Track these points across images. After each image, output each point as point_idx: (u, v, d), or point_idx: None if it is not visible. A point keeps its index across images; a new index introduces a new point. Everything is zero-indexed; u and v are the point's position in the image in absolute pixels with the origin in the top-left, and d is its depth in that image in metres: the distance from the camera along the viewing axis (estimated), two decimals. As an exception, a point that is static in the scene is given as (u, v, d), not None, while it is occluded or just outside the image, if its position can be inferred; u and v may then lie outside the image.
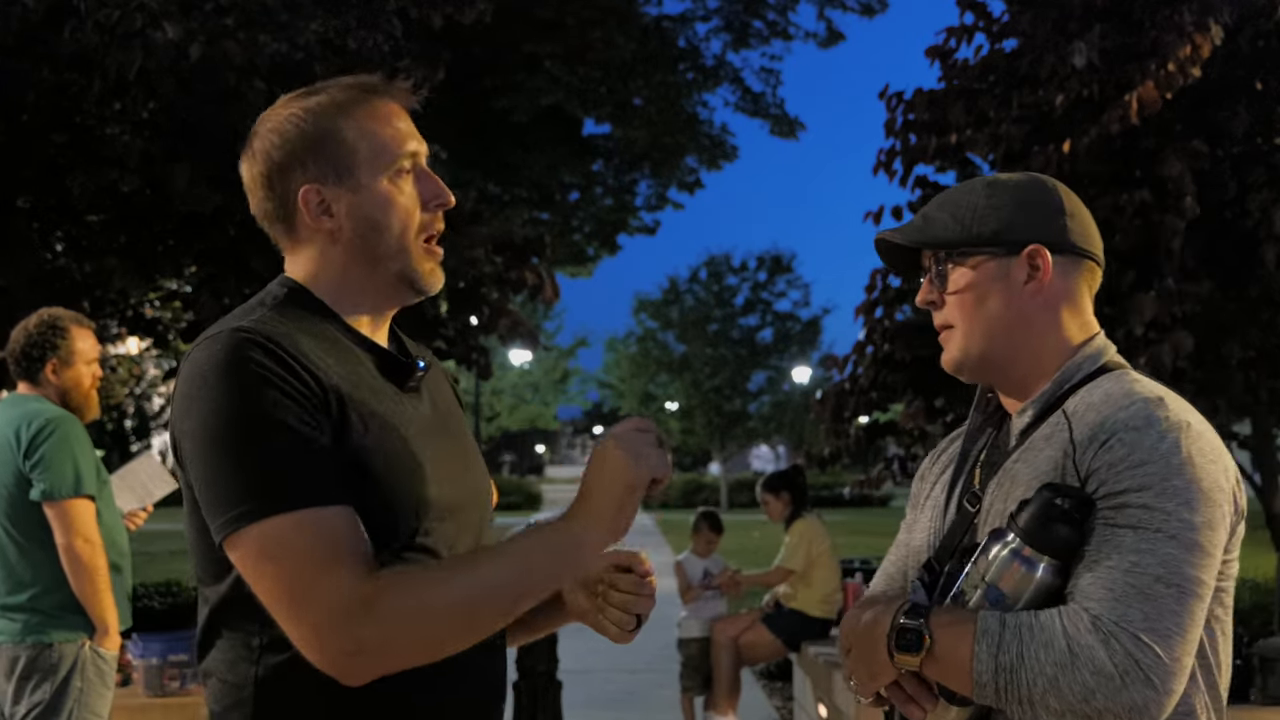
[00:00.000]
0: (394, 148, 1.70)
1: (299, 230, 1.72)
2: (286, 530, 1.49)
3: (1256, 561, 7.11)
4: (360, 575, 1.48)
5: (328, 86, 1.73)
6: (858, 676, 1.72)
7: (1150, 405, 1.61)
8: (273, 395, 1.53)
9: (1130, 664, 1.47)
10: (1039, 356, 1.75)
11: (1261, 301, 6.72)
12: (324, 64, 6.80)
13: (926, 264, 1.81)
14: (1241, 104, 6.69)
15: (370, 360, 1.69)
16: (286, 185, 1.69)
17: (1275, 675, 4.66)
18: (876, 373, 7.80)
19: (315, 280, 1.72)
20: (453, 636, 1.55)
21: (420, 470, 1.63)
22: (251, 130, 1.73)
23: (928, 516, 1.86)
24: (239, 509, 1.50)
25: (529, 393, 50.75)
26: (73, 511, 3.93)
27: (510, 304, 9.19)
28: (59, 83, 6.49)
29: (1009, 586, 1.56)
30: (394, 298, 1.75)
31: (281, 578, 1.50)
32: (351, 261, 1.70)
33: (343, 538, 1.50)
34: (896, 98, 7.48)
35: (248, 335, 1.57)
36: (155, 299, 8.87)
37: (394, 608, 1.48)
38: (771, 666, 9.04)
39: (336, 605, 1.47)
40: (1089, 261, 1.78)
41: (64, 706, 3.92)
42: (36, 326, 4.10)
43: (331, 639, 1.48)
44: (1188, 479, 1.55)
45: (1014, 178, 1.81)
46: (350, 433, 1.58)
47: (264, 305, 1.68)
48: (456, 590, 1.52)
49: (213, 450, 1.53)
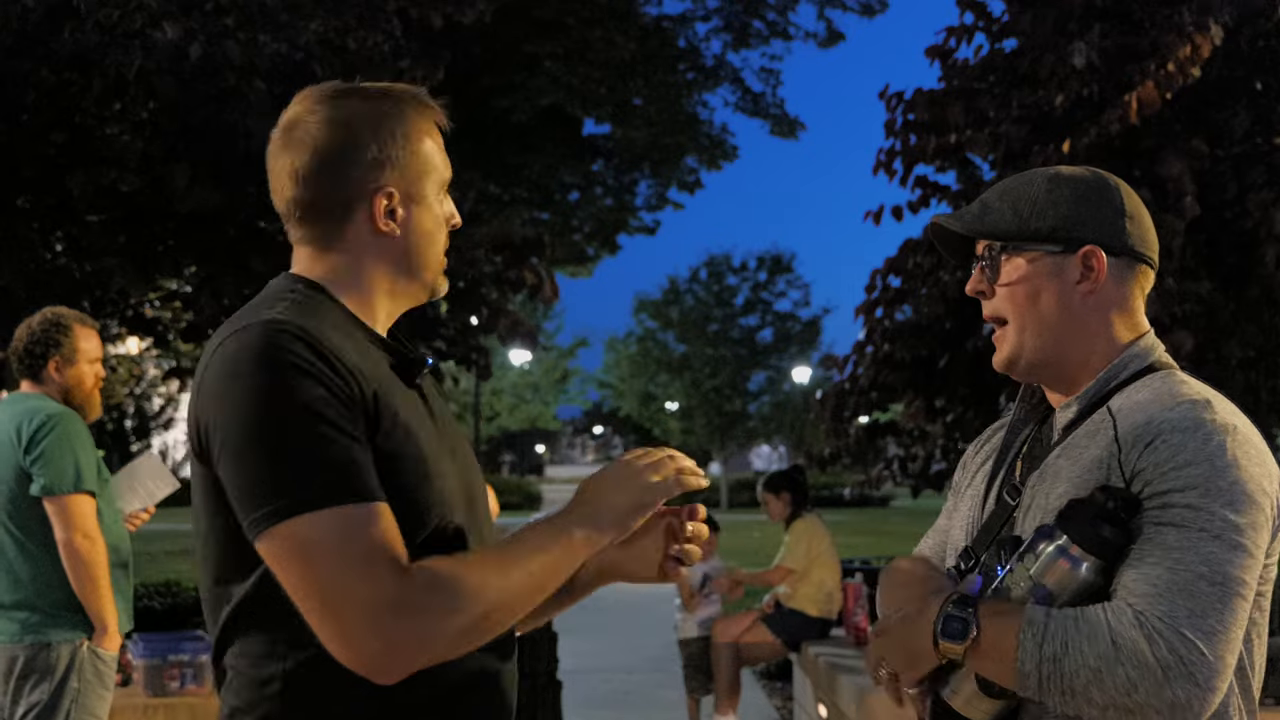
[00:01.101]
0: (447, 169, 1.76)
1: (348, 229, 1.70)
2: (321, 528, 1.48)
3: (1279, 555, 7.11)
4: (394, 574, 1.48)
5: (394, 91, 1.73)
6: (895, 662, 1.71)
7: (1197, 407, 1.61)
8: (311, 388, 1.52)
9: (1174, 659, 1.47)
10: (1088, 355, 1.75)
11: (1261, 301, 6.73)
12: (324, 64, 6.81)
13: (980, 253, 1.80)
14: (1241, 104, 6.70)
15: (385, 359, 1.69)
16: (355, 183, 1.68)
17: (1276, 675, 4.66)
18: (876, 373, 7.81)
19: (343, 280, 1.71)
20: (482, 629, 1.56)
21: (435, 469, 1.64)
22: (291, 118, 1.70)
23: (967, 505, 1.87)
24: (274, 504, 1.49)
25: (529, 393, 50.73)
26: (73, 507, 3.92)
27: (510, 304, 9.20)
28: (59, 83, 6.49)
29: (1053, 583, 1.57)
30: (413, 301, 1.78)
31: (314, 576, 1.49)
32: (390, 267, 1.71)
33: (377, 536, 1.50)
34: (896, 98, 7.48)
35: (282, 326, 1.55)
36: (155, 299, 8.86)
37: (426, 606, 1.49)
38: (771, 666, 9.04)
39: (369, 605, 1.47)
40: (1144, 265, 1.78)
41: (61, 707, 3.92)
42: (39, 325, 4.11)
43: (365, 638, 1.48)
44: (1232, 480, 1.56)
45: (1078, 173, 1.79)
46: (380, 431, 1.58)
47: (283, 300, 1.65)
48: (486, 584, 1.54)
49: (248, 443, 1.51)
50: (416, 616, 1.48)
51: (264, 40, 6.70)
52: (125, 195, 6.76)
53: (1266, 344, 6.85)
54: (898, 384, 7.80)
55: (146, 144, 6.68)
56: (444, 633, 1.51)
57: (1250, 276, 6.63)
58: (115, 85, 6.45)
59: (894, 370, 7.73)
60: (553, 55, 13.25)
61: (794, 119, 15.96)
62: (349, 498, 1.50)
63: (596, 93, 13.89)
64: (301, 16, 6.95)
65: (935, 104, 7.29)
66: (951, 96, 7.28)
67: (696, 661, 7.32)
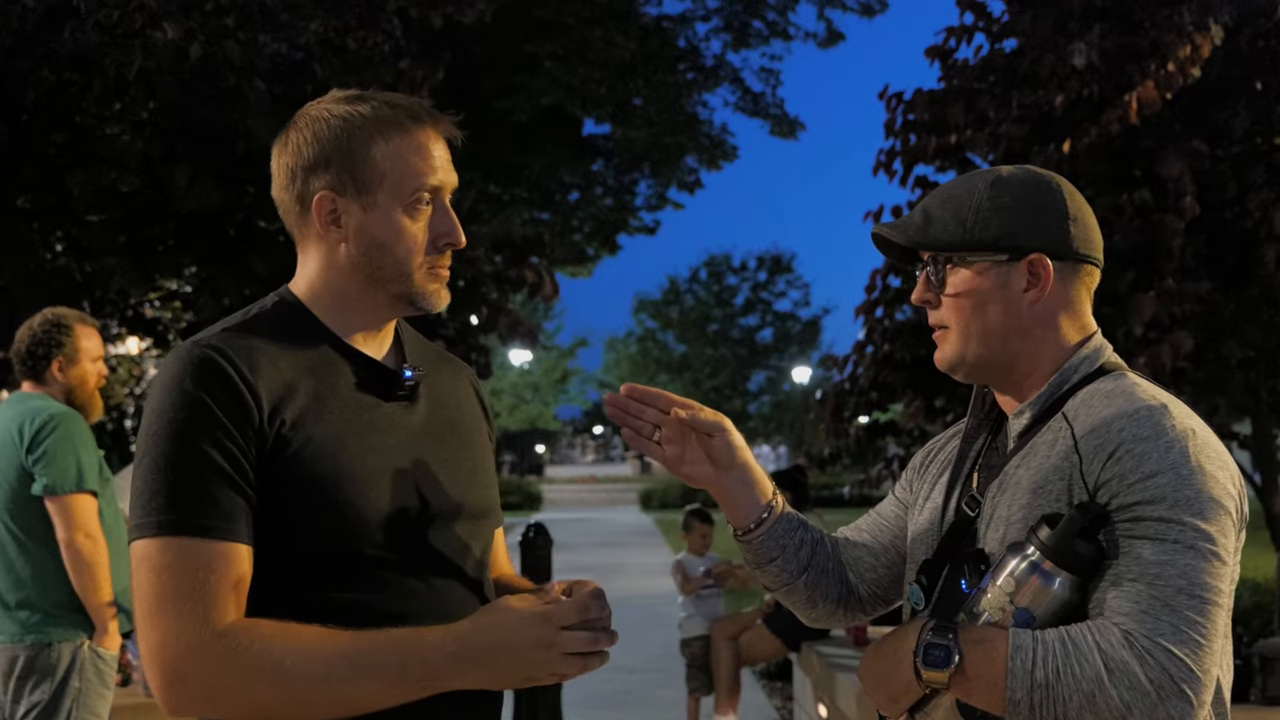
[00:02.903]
0: (418, 178, 1.69)
1: (307, 231, 1.72)
2: (159, 554, 1.53)
3: (1256, 561, 7.11)
4: (202, 620, 1.51)
5: (375, 99, 1.73)
6: (878, 699, 1.68)
7: (1155, 413, 1.60)
8: (201, 420, 1.55)
9: (1165, 678, 1.46)
10: (1036, 359, 1.74)
11: (1261, 301, 6.73)
12: (324, 64, 6.81)
13: (925, 260, 1.79)
14: (1241, 104, 6.69)
15: (351, 372, 1.69)
16: (307, 184, 1.70)
17: (1275, 675, 4.66)
18: (876, 373, 7.81)
19: (314, 288, 1.73)
20: (279, 708, 1.53)
21: (374, 483, 1.62)
22: (294, 117, 1.74)
23: (926, 518, 1.85)
24: (136, 520, 1.56)
25: (529, 393, 50.75)
26: (74, 506, 3.93)
27: (509, 303, 9.20)
28: (59, 83, 6.50)
29: (1028, 601, 1.55)
30: (392, 312, 1.75)
31: (141, 595, 1.54)
32: (351, 275, 1.70)
33: (205, 575, 1.52)
34: (896, 98, 7.48)
35: (202, 351, 1.60)
36: (155, 299, 8.87)
37: (220, 665, 1.50)
38: (771, 666, 9.04)
39: (168, 639, 1.51)
40: (1089, 265, 1.76)
41: (63, 706, 3.92)
42: (41, 325, 4.11)
43: (156, 671, 1.53)
44: (1198, 488, 1.55)
45: (1017, 175, 1.77)
46: (292, 449, 1.58)
47: (246, 315, 1.71)
48: (294, 672, 1.50)
49: (138, 460, 1.58)
50: (208, 670, 1.50)
51: (264, 40, 6.71)
52: (125, 195, 6.76)
53: (1266, 344, 6.85)
54: (898, 384, 7.79)
55: (146, 144, 6.68)
56: (229, 694, 1.51)
57: (1250, 276, 6.63)
58: (115, 85, 6.45)
59: (894, 370, 7.73)
60: (553, 55, 13.25)
61: (794, 119, 15.97)
62: (193, 531, 1.53)
63: (596, 93, 13.89)
64: (301, 16, 6.96)
65: (935, 104, 7.29)
66: (951, 96, 7.28)
67: (700, 661, 7.32)
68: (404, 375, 1.72)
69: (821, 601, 1.97)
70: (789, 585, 1.95)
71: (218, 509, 1.54)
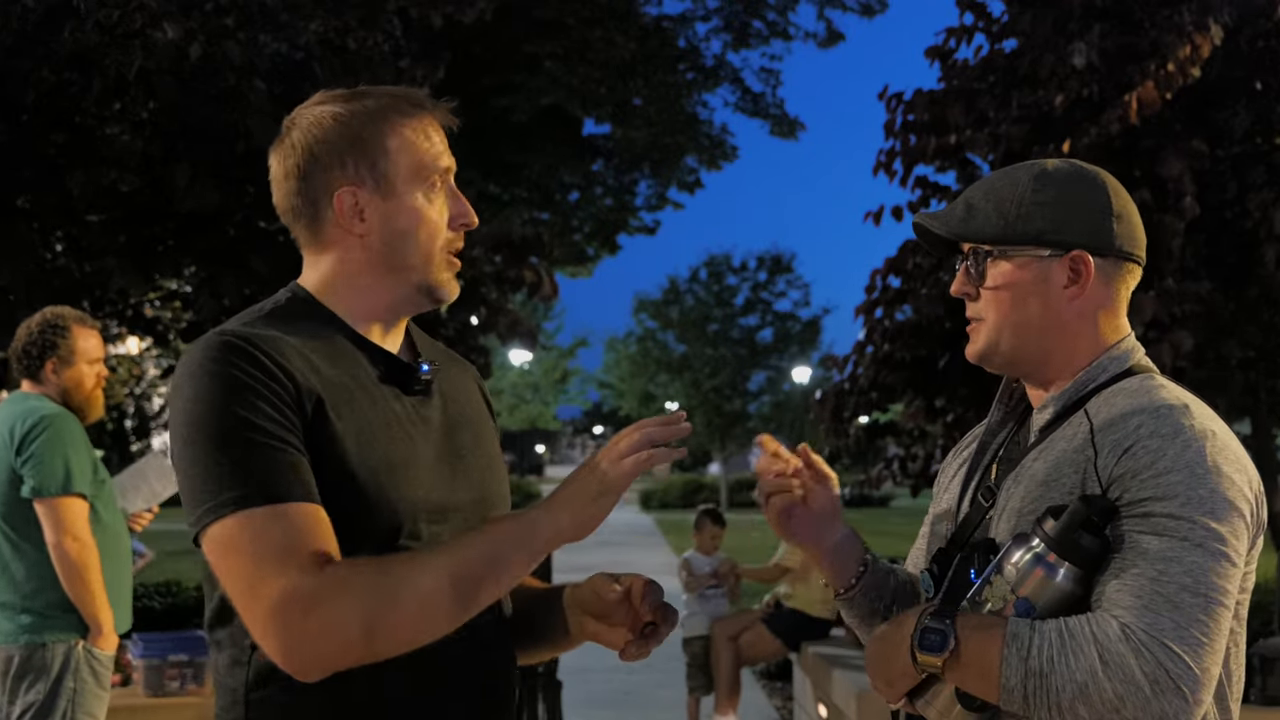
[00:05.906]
0: (431, 162, 1.71)
1: (325, 230, 1.72)
2: (241, 528, 1.51)
3: (1257, 561, 7.11)
4: (304, 571, 1.49)
5: (373, 92, 1.73)
6: (876, 680, 1.68)
7: (1175, 412, 1.59)
8: (241, 395, 1.54)
9: (1161, 673, 1.45)
10: (1071, 356, 1.73)
11: (1261, 301, 6.72)
12: (324, 64, 6.80)
13: (965, 253, 1.77)
14: (1241, 104, 6.69)
15: (370, 364, 1.69)
16: (322, 183, 1.69)
17: (1275, 675, 4.67)
18: (876, 373, 7.80)
19: (328, 285, 1.72)
20: (407, 629, 1.52)
21: (405, 472, 1.63)
22: (287, 121, 1.73)
23: (943, 508, 1.85)
24: (202, 507, 1.53)
25: (529, 393, 50.73)
26: (62, 509, 3.92)
27: (509, 303, 9.20)
28: (59, 83, 6.49)
29: (1030, 592, 1.55)
30: (410, 305, 1.76)
31: (236, 575, 1.52)
32: (373, 268, 1.71)
33: (289, 534, 1.51)
34: (896, 98, 7.47)
35: (227, 338, 1.59)
36: (155, 299, 8.86)
37: (339, 604, 1.48)
38: (771, 666, 9.04)
39: (279, 601, 1.48)
40: (1131, 263, 1.75)
41: (58, 707, 3.91)
42: (38, 325, 4.11)
43: (278, 634, 1.49)
44: (1212, 487, 1.54)
45: (1062, 169, 1.75)
46: (327, 434, 1.58)
47: (261, 311, 1.69)
48: (407, 581, 1.51)
49: (184, 450, 1.56)
50: (326, 611, 1.48)
51: (264, 40, 6.70)
52: (125, 195, 6.75)
53: (1266, 344, 6.84)
54: (898, 384, 7.79)
55: (146, 144, 6.67)
56: (354, 627, 1.49)
57: (1250, 276, 6.62)
58: (115, 85, 6.44)
59: (894, 370, 7.72)
60: (553, 55, 13.23)
61: (794, 119, 15.94)
62: (268, 499, 1.51)
63: (596, 93, 13.87)
64: (301, 16, 6.95)
65: (935, 104, 7.28)
66: (951, 97, 7.28)
67: (700, 661, 7.33)
68: (421, 369, 1.74)
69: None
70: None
71: (281, 474, 1.53)
